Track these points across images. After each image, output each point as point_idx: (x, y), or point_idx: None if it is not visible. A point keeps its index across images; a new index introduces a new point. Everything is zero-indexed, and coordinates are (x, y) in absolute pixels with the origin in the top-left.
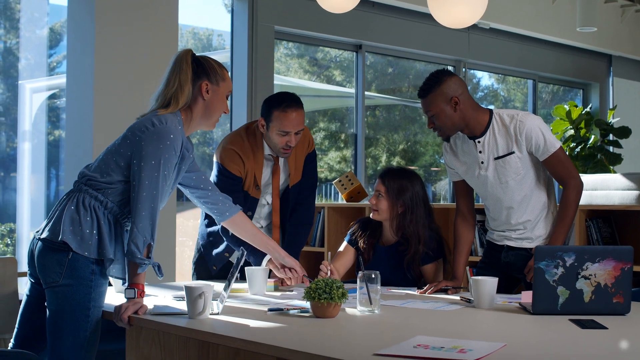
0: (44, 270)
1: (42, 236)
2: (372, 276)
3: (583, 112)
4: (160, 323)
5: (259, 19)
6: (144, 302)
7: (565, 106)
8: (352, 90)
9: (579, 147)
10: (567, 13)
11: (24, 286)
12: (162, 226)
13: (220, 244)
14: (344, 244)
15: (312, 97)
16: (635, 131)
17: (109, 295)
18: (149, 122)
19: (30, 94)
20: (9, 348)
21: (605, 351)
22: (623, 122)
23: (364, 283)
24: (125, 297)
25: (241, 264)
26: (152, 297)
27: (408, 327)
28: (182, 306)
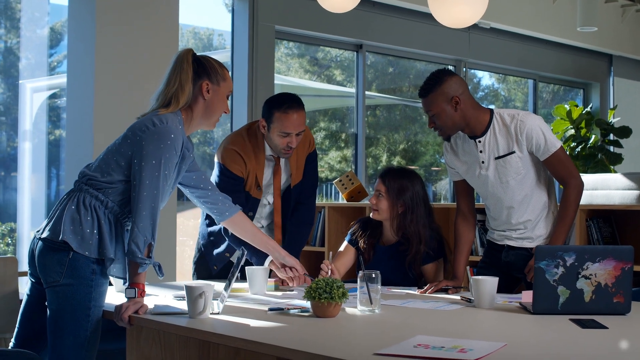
0: (45, 270)
1: (42, 236)
2: (373, 276)
3: (583, 112)
4: (161, 323)
5: (260, 19)
6: (144, 301)
7: (565, 106)
8: (353, 89)
9: (580, 146)
10: (568, 13)
11: (24, 286)
12: (162, 226)
13: (221, 243)
14: (345, 244)
15: (313, 97)
16: (636, 131)
17: (110, 295)
18: (149, 122)
19: (30, 94)
20: (10, 347)
21: (605, 351)
22: (623, 121)
23: (364, 283)
24: (126, 297)
25: (242, 263)
26: (152, 296)
27: (408, 326)
28: (183, 306)
